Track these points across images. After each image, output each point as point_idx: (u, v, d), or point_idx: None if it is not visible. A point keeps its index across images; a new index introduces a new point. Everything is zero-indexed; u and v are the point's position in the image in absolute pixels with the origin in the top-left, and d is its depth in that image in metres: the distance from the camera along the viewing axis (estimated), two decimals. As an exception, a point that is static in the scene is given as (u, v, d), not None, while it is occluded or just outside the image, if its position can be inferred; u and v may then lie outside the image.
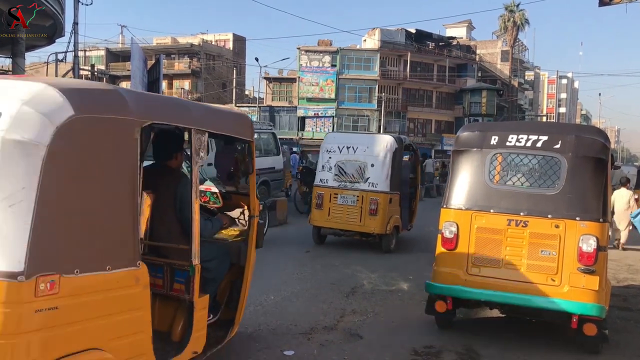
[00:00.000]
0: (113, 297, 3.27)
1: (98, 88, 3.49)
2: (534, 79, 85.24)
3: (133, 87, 22.01)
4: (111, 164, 3.33)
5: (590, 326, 5.42)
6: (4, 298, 2.74)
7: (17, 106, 2.89)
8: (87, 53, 52.22)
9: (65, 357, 2.94)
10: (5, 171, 2.82)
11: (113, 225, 3.32)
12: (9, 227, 2.80)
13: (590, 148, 5.73)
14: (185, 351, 4.01)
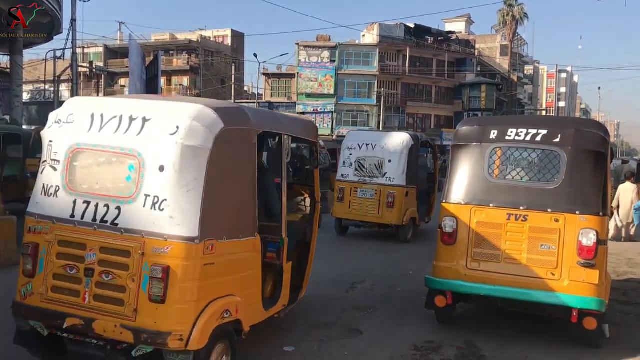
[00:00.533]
0: (241, 258, 4.59)
1: (233, 107, 4.96)
2: (533, 73, 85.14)
3: (131, 83, 22.00)
4: (241, 161, 4.61)
5: (591, 320, 5.41)
6: (184, 255, 3.95)
7: (188, 122, 4.06)
8: (86, 50, 52.18)
9: (217, 298, 4.21)
10: (184, 167, 4.01)
11: (244, 205, 4.64)
12: (187, 206, 4.00)
13: (590, 142, 5.72)
14: (278, 304, 5.33)
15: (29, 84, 42.48)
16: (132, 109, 4.32)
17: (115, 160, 4.27)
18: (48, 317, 4.17)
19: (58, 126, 4.46)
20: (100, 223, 4.12)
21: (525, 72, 78.48)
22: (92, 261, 4.09)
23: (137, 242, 3.98)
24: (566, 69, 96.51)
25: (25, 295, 4.31)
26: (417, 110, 55.37)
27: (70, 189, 4.30)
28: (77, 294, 4.10)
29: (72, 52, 21.84)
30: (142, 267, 3.94)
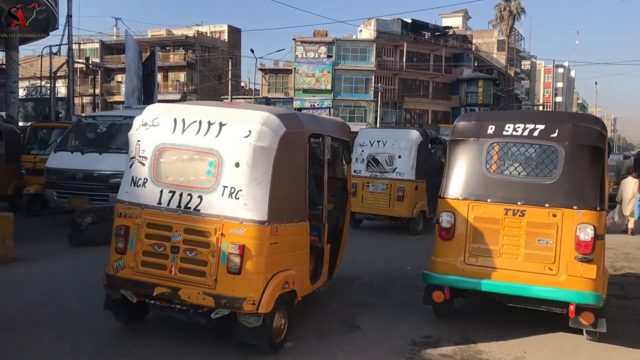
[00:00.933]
0: (296, 239, 5.48)
1: (291, 113, 5.85)
2: (530, 68, 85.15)
3: (128, 79, 21.92)
4: (298, 158, 5.51)
5: (588, 314, 5.42)
6: (257, 235, 4.85)
7: (259, 127, 4.97)
8: (82, 46, 51.97)
9: (279, 272, 5.08)
10: (256, 164, 4.91)
11: (299, 195, 5.54)
12: (258, 195, 4.91)
13: (587, 136, 5.72)
14: (320, 280, 6.22)
15: (24, 80, 42.30)
16: (209, 115, 5.22)
17: (197, 158, 5.15)
18: (138, 287, 5.09)
19: (145, 128, 5.34)
20: (184, 209, 5.02)
21: (522, 67, 78.48)
22: (178, 240, 4.98)
23: (217, 225, 4.87)
24: (563, 63, 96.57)
25: (117, 269, 5.20)
26: (414, 106, 55.35)
27: (157, 181, 5.20)
28: (164, 267, 4.99)
29: (68, 48, 21.75)
30: (221, 245, 4.83)
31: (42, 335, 5.37)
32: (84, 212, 9.77)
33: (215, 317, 4.88)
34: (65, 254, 9.05)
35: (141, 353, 5.03)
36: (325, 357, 5.11)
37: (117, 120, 12.08)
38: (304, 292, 5.69)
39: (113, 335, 5.54)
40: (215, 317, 4.88)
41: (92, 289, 6.45)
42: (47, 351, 4.99)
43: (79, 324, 5.68)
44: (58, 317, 5.90)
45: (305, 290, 5.73)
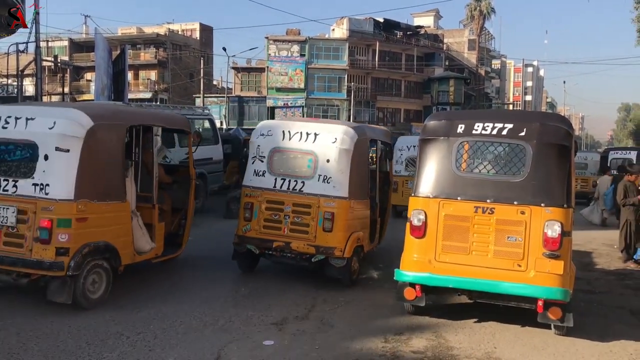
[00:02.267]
0: (363, 211, 8.04)
1: (359, 125, 8.45)
2: (500, 67, 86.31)
3: (98, 78, 21.57)
4: (364, 156, 8.17)
5: (556, 310, 5.54)
6: (342, 206, 7.34)
7: (341, 135, 7.54)
8: (50, 43, 50.98)
9: (354, 232, 7.55)
10: (340, 160, 7.43)
11: (365, 181, 8.15)
12: (342, 181, 7.41)
13: (554, 135, 5.83)
14: (374, 242, 9.03)
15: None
16: (307, 128, 7.75)
17: (300, 157, 7.71)
18: (262, 242, 7.57)
19: (262, 137, 7.91)
20: (292, 190, 7.55)
21: (492, 66, 79.54)
22: (288, 211, 7.50)
23: (315, 200, 7.41)
24: (532, 63, 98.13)
25: (245, 231, 7.72)
26: (386, 105, 55.67)
27: (272, 172, 7.73)
28: (279, 229, 7.52)
29: (35, 45, 21.30)
30: (318, 213, 7.36)
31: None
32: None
33: (314, 261, 7.33)
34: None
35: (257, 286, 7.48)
36: (299, 355, 5.13)
37: None
38: (367, 248, 8.24)
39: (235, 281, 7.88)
40: (314, 261, 7.33)
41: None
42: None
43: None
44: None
45: (367, 246, 8.25)
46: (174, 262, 8.41)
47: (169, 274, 7.90)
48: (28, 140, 6.01)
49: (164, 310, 6.22)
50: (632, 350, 5.59)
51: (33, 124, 6.02)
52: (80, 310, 5.96)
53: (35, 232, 5.75)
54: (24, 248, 5.78)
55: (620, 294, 7.96)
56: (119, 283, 7.06)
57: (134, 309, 6.21)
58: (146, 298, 6.67)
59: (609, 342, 5.78)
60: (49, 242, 5.72)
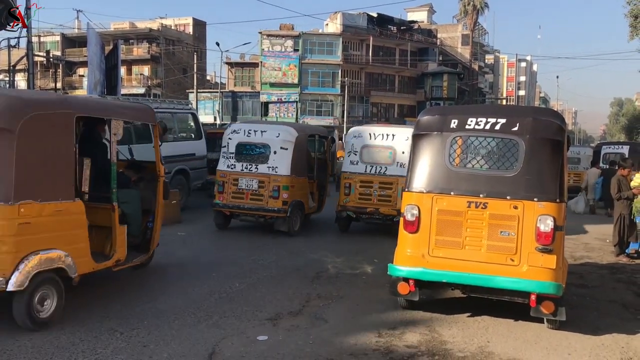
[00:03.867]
0: None
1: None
2: (494, 62, 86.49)
3: (90, 73, 21.46)
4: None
5: (548, 304, 5.57)
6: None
7: (409, 135, 7.72)
8: (42, 38, 50.76)
9: None
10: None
11: None
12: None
13: (547, 130, 5.85)
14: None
15: (-18, 73, 41.09)
16: (387, 130, 11.36)
17: (383, 151, 11.19)
18: (358, 209, 11.23)
19: (355, 138, 11.54)
20: (377, 174, 11.10)
21: (486, 61, 79.69)
22: (376, 187, 11.09)
23: (395, 179, 10.86)
24: (526, 58, 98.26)
25: (345, 202, 11.33)
26: (380, 100, 55.68)
27: (363, 162, 11.29)
28: (370, 199, 11.13)
29: (27, 40, 21.17)
30: (397, 188, 10.55)
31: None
32: None
33: (395, 220, 9.39)
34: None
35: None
36: (293, 350, 5.14)
37: None
38: None
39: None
40: (395, 220, 9.39)
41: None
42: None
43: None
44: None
45: None
46: (170, 259, 8.41)
47: (162, 271, 7.89)
48: (263, 143, 11.17)
49: (157, 306, 6.22)
50: (624, 344, 5.64)
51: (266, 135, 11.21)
52: (74, 307, 5.94)
53: (270, 192, 10.77)
54: (263, 202, 10.85)
55: (612, 287, 8.01)
56: (111, 281, 7.06)
57: (127, 305, 6.20)
58: (139, 295, 6.67)
59: (601, 336, 5.82)
60: (278, 197, 10.75)
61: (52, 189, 5.48)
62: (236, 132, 11.42)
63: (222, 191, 11.17)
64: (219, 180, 11.23)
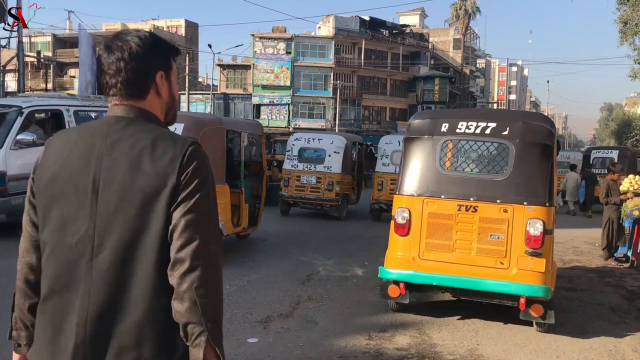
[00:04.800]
0: None
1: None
2: (485, 66, 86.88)
3: (81, 74, 21.37)
4: None
5: (537, 307, 5.61)
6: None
7: None
8: (33, 39, 50.41)
9: None
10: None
11: None
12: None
13: (537, 134, 5.89)
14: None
15: (-28, 73, 40.78)
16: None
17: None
18: (389, 202, 9.87)
19: (386, 144, 14.42)
20: None
21: (477, 65, 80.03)
22: None
23: None
24: (517, 62, 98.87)
25: (378, 197, 14.13)
26: (372, 103, 55.78)
27: (393, 163, 13.21)
28: None
29: (17, 40, 21.04)
30: None
31: None
32: None
33: None
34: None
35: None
36: (283, 353, 5.14)
37: None
38: None
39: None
40: None
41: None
42: None
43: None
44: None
45: None
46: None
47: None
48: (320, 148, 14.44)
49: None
50: (612, 347, 5.68)
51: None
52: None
53: (326, 186, 13.55)
54: (320, 193, 13.90)
55: (600, 291, 8.07)
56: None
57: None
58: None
59: (590, 339, 5.87)
60: (332, 190, 13.86)
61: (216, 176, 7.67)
62: (298, 139, 15.08)
63: (287, 185, 14.50)
64: (285, 176, 14.55)
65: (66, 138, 1.80)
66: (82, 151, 1.72)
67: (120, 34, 1.85)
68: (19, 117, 9.96)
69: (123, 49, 1.78)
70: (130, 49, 1.78)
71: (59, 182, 1.71)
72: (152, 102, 1.84)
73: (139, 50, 1.78)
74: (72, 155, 1.73)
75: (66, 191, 1.70)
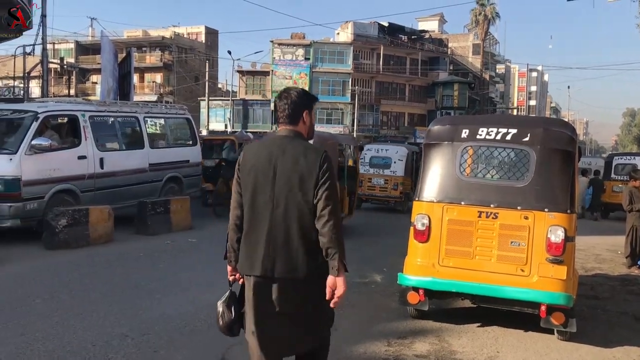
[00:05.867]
0: None
1: None
2: (504, 72, 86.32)
3: (103, 80, 21.70)
4: None
5: (559, 315, 5.55)
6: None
7: None
8: (56, 46, 51.24)
9: None
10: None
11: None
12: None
13: (558, 141, 5.85)
14: None
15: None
16: None
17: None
18: None
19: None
20: None
21: (497, 70, 79.55)
22: None
23: None
24: (537, 68, 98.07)
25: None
26: (390, 108, 55.75)
27: None
28: None
29: (42, 47, 21.41)
30: None
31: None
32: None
33: None
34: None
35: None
36: (302, 358, 5.14)
37: (3, 115, 10.82)
38: None
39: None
40: None
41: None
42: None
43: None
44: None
45: None
46: (181, 266, 8.46)
47: (173, 278, 7.94)
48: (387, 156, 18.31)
49: (167, 312, 6.26)
50: (635, 356, 5.60)
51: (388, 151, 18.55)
52: (84, 312, 6.00)
53: (391, 186, 17.44)
54: (387, 192, 17.61)
55: (623, 299, 7.96)
56: (123, 287, 7.12)
57: (139, 310, 6.24)
58: (150, 301, 6.71)
59: (612, 348, 5.79)
60: (397, 189, 17.73)
61: None
62: (369, 150, 19.22)
63: (361, 185, 16.75)
64: (360, 178, 15.89)
65: (256, 146, 3.36)
66: (266, 154, 3.23)
67: (287, 89, 3.41)
68: (34, 122, 10.07)
69: (288, 97, 3.32)
70: (291, 98, 3.31)
71: (253, 170, 3.22)
72: (301, 127, 3.35)
73: (296, 98, 3.31)
74: (261, 156, 3.24)
75: (258, 175, 3.20)
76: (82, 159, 10.78)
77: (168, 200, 11.97)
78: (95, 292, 6.94)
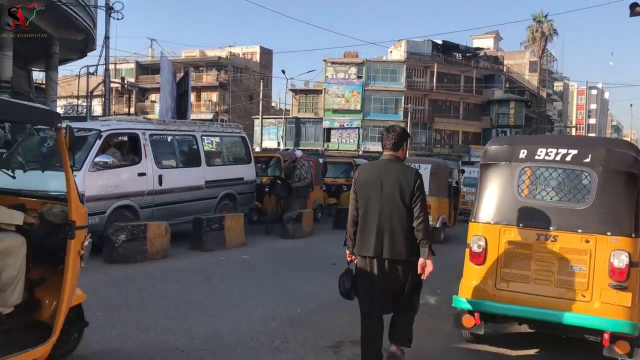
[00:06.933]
0: None
1: None
2: (562, 89, 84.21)
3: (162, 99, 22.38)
4: None
5: (623, 344, 5.31)
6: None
7: None
8: (118, 66, 53.29)
9: None
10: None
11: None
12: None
13: (621, 162, 5.65)
14: None
15: (62, 99, 43.49)
16: None
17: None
18: None
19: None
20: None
21: (554, 88, 77.71)
22: None
23: None
24: (597, 85, 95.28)
25: None
26: (444, 127, 55.18)
27: None
28: None
29: (104, 68, 22.36)
30: None
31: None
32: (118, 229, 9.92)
33: None
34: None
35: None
36: (354, 379, 5.11)
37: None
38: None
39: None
40: None
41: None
42: None
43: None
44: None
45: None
46: (234, 282, 8.56)
47: (225, 294, 8.04)
48: None
49: (221, 328, 6.33)
50: None
51: None
52: (141, 326, 6.14)
53: None
54: None
55: (693, 329, 7.54)
56: (177, 304, 7.26)
57: (193, 327, 6.34)
58: (204, 317, 6.81)
59: (681, 380, 5.49)
60: None
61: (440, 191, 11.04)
62: None
63: None
64: None
65: (368, 166, 5.24)
66: (375, 171, 4.86)
67: (393, 126, 5.10)
68: (98, 140, 10.46)
69: (394, 132, 4.96)
70: (397, 132, 4.95)
71: (367, 183, 4.82)
72: (400, 153, 4.92)
73: (400, 132, 4.98)
74: (372, 173, 4.88)
75: (369, 187, 4.79)
76: (141, 176, 11.11)
77: (223, 217, 12.15)
78: (152, 306, 7.09)
